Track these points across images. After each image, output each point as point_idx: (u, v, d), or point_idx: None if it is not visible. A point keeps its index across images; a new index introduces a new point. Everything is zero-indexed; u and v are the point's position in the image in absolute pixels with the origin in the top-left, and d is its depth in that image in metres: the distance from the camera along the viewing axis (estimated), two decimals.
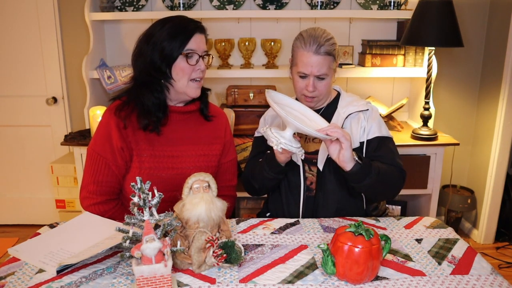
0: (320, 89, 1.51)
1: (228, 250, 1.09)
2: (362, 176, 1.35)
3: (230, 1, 2.66)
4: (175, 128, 1.47)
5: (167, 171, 1.44)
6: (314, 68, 1.47)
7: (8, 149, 2.96)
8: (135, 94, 1.43)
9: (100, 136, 1.44)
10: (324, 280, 1.07)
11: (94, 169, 1.43)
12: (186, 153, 1.47)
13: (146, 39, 1.42)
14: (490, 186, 2.74)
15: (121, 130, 1.41)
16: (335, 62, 1.53)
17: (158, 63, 1.39)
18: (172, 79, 1.42)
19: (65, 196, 2.69)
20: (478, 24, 2.74)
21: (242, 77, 2.67)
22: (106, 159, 1.41)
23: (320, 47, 1.46)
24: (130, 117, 1.42)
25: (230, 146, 1.61)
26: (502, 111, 2.61)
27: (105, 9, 2.56)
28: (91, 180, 1.43)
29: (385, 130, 1.55)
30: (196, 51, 1.41)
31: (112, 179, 1.43)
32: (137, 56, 1.44)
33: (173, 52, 1.38)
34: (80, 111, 2.76)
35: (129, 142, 1.42)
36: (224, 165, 1.59)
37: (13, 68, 2.82)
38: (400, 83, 2.85)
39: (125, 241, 1.01)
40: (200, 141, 1.51)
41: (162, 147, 1.45)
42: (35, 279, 1.06)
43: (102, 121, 1.46)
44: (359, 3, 2.67)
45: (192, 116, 1.52)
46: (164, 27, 1.40)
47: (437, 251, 1.21)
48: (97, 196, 1.43)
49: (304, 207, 1.56)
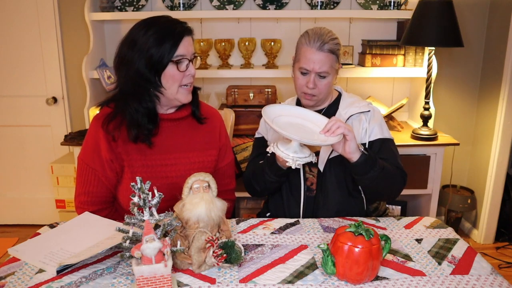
0: (320, 88, 1.51)
1: (228, 250, 1.09)
2: (368, 167, 1.36)
3: (230, 1, 2.66)
4: (166, 136, 1.41)
5: (161, 180, 1.38)
6: (316, 64, 1.47)
7: (8, 149, 2.96)
8: (122, 105, 1.34)
9: (89, 145, 1.39)
10: (324, 280, 1.07)
11: (84, 179, 1.40)
12: (179, 161, 1.42)
13: (129, 45, 1.32)
14: (490, 186, 2.74)
15: (110, 142, 1.36)
16: (338, 63, 1.53)
17: (146, 72, 1.30)
18: (161, 87, 1.33)
19: (65, 196, 2.68)
20: (478, 24, 2.74)
21: (242, 77, 2.67)
22: (96, 171, 1.38)
23: (324, 44, 1.46)
24: (119, 129, 1.35)
25: (226, 149, 1.57)
26: (502, 111, 2.61)
27: (105, 9, 2.56)
28: (82, 191, 1.40)
29: (386, 131, 1.55)
30: (186, 55, 1.33)
31: (103, 190, 1.40)
32: (120, 63, 1.35)
33: (162, 59, 1.29)
34: (80, 111, 2.76)
35: (118, 153, 1.36)
36: (221, 169, 1.55)
37: (13, 68, 2.82)
38: (400, 83, 2.85)
39: (125, 241, 1.01)
40: (194, 148, 1.45)
41: (154, 156, 1.39)
42: (35, 279, 1.06)
43: (90, 131, 1.40)
44: (359, 3, 2.67)
45: (184, 122, 1.46)
46: (148, 31, 1.30)
47: (437, 251, 1.21)
48: (89, 206, 1.40)
49: (305, 208, 1.56)
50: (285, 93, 2.77)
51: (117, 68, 1.37)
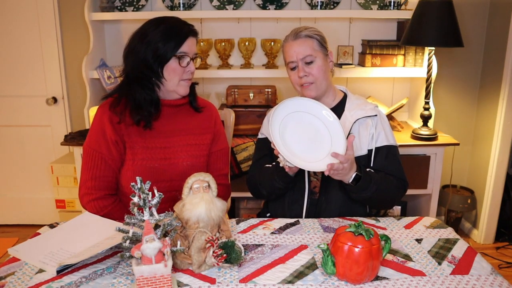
0: (313, 73, 1.50)
1: (228, 250, 1.09)
2: (361, 188, 1.38)
3: (230, 1, 2.66)
4: (166, 122, 1.51)
5: (160, 161, 1.48)
6: (297, 51, 1.50)
7: (8, 149, 2.96)
8: (126, 89, 1.47)
9: (94, 132, 1.47)
10: (324, 280, 1.07)
11: (91, 165, 1.46)
12: (177, 143, 1.51)
13: (140, 37, 1.45)
14: (490, 186, 2.74)
15: (114, 124, 1.45)
16: (323, 47, 1.53)
17: (151, 62, 1.43)
18: (163, 78, 1.46)
19: (65, 196, 2.69)
20: (478, 24, 2.74)
21: (242, 77, 2.67)
22: (102, 154, 1.45)
23: (298, 33, 1.52)
24: (124, 112, 1.45)
25: (220, 136, 1.64)
26: (502, 111, 2.61)
27: (105, 9, 2.56)
28: (89, 176, 1.46)
29: (392, 137, 1.56)
30: (188, 54, 1.46)
31: (109, 173, 1.47)
32: (129, 53, 1.48)
33: (166, 53, 1.42)
34: (80, 111, 2.76)
35: (122, 135, 1.45)
36: (214, 154, 1.61)
37: (13, 68, 2.82)
38: (400, 83, 2.85)
39: (125, 241, 1.01)
40: (190, 132, 1.55)
41: (154, 139, 1.49)
42: (35, 279, 1.06)
43: (95, 118, 1.49)
44: (359, 3, 2.67)
45: (183, 109, 1.56)
46: (158, 27, 1.43)
47: (437, 251, 1.21)
48: (96, 191, 1.45)
49: (307, 211, 1.55)
50: (285, 93, 2.77)
51: (126, 57, 1.49)
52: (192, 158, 1.52)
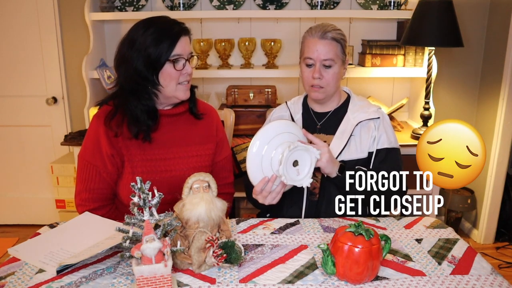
0: (327, 78, 1.49)
1: (228, 250, 1.09)
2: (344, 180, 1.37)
3: (230, 1, 2.66)
4: (165, 131, 1.45)
5: (161, 174, 1.42)
6: (320, 52, 1.47)
7: (8, 149, 2.96)
8: (122, 102, 1.39)
9: (90, 143, 1.42)
10: (324, 280, 1.06)
11: (85, 177, 1.41)
12: (178, 155, 1.45)
13: (129, 44, 1.36)
14: (490, 186, 2.74)
15: (110, 138, 1.39)
16: (344, 53, 1.52)
17: (144, 70, 1.34)
18: (159, 86, 1.38)
19: (65, 196, 2.68)
20: (478, 24, 2.74)
21: (242, 77, 2.67)
22: (97, 167, 1.40)
23: (326, 33, 1.47)
24: (121, 126, 1.39)
25: (223, 144, 1.59)
26: (502, 111, 2.61)
27: (105, 9, 2.56)
28: (83, 188, 1.42)
29: (394, 140, 1.55)
30: (182, 55, 1.37)
31: (104, 186, 1.42)
32: (120, 62, 1.39)
33: (159, 58, 1.34)
34: (80, 111, 2.75)
35: (119, 148, 1.39)
36: (219, 163, 1.57)
37: (13, 68, 2.82)
38: (400, 83, 2.85)
39: (125, 241, 1.01)
40: (192, 142, 1.49)
41: (154, 151, 1.42)
42: (35, 279, 1.06)
43: (91, 128, 1.43)
44: (359, 3, 2.67)
45: (182, 117, 1.49)
46: (147, 31, 1.34)
47: (437, 251, 1.21)
48: (90, 203, 1.42)
49: (306, 212, 1.55)
50: (285, 93, 2.77)
51: (117, 67, 1.41)
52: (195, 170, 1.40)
